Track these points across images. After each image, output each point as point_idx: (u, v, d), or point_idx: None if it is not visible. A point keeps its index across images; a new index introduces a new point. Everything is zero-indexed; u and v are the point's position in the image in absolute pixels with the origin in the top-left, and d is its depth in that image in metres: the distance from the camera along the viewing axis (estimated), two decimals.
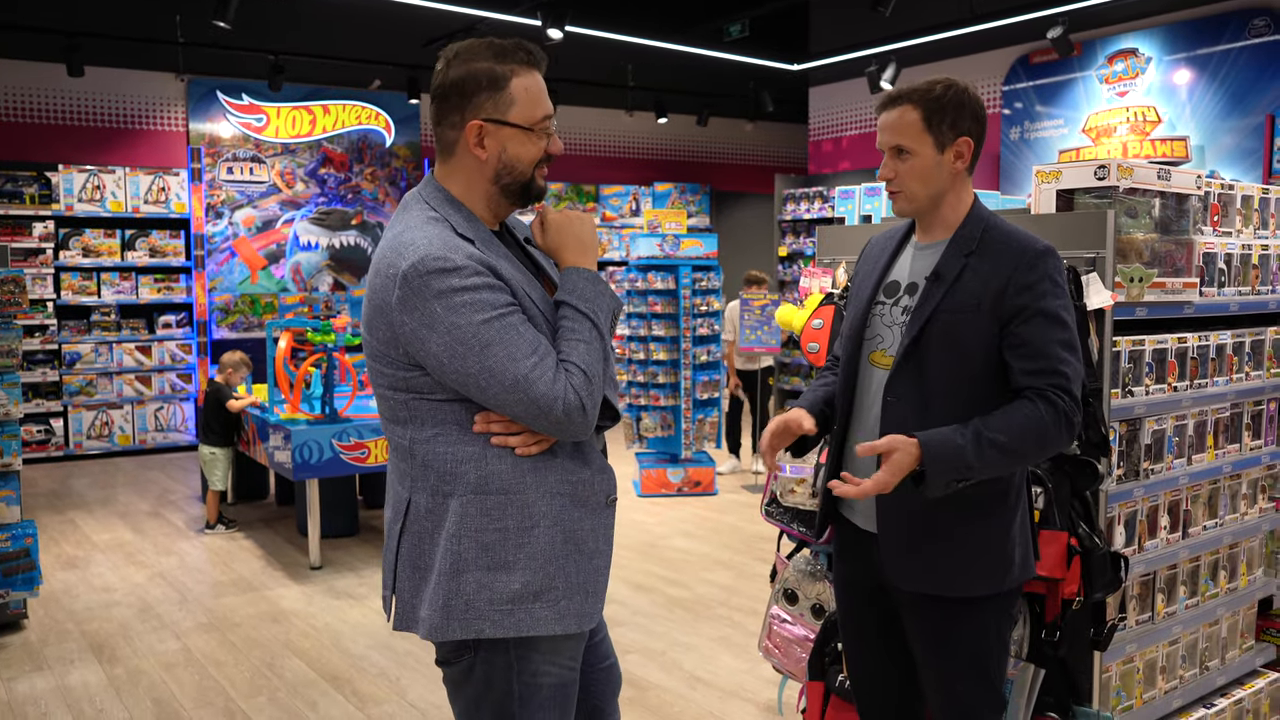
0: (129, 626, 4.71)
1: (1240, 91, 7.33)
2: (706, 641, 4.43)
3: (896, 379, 2.11)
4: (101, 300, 9.24)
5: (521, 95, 1.79)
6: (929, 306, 2.09)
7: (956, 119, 2.09)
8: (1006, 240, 2.08)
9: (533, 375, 1.67)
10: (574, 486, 1.80)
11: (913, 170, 2.11)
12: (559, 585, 1.78)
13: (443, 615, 1.76)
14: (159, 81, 9.47)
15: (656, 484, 7.41)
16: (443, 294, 1.67)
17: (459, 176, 1.83)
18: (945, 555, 2.10)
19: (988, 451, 1.95)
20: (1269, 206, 3.13)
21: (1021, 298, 2.02)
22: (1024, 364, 2.02)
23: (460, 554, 1.75)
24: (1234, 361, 3.01)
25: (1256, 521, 3.17)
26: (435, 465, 1.77)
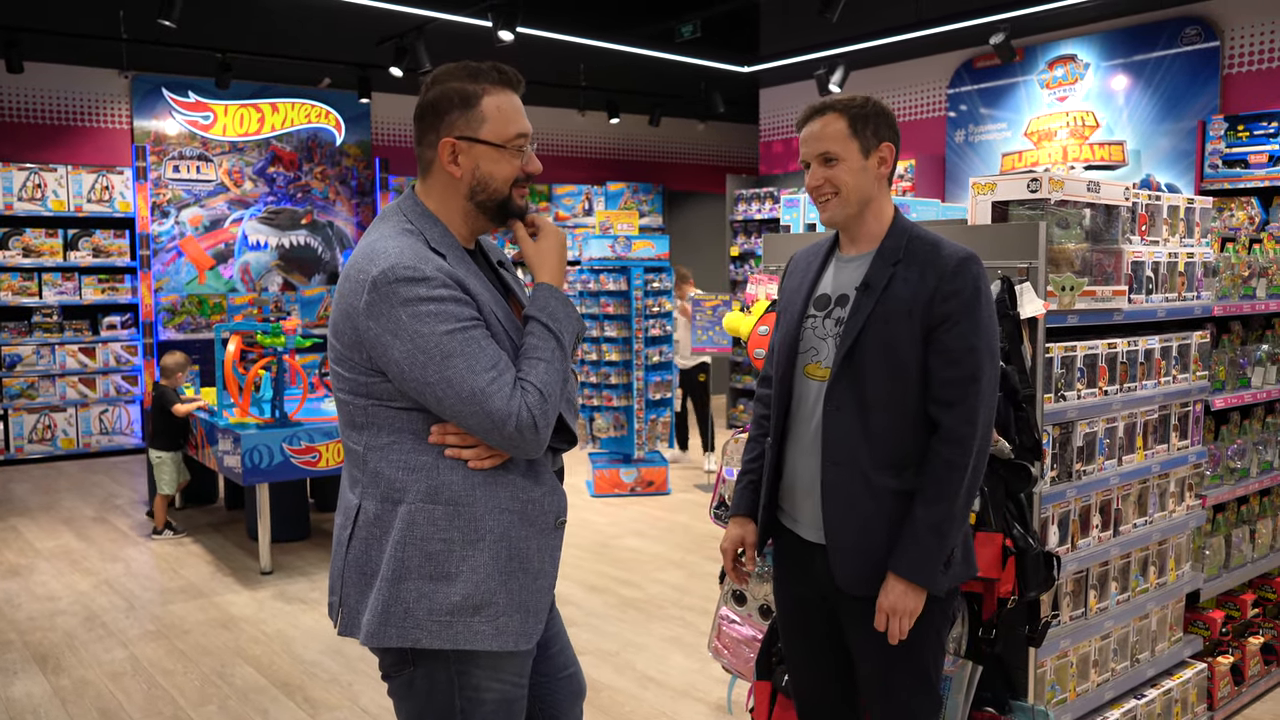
0: (74, 636, 4.65)
1: (1174, 97, 7.56)
2: (658, 641, 4.49)
3: (835, 388, 2.17)
4: (43, 301, 9.05)
5: (493, 113, 1.82)
6: (861, 316, 2.16)
7: (879, 126, 2.19)
8: (932, 248, 2.16)
9: (489, 390, 1.70)
10: (524, 505, 1.83)
11: (841, 174, 2.18)
12: (499, 601, 1.80)
13: (381, 621, 1.78)
14: (102, 78, 9.29)
15: (609, 484, 7.45)
16: (409, 302, 1.70)
17: (436, 193, 1.88)
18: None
19: (945, 527, 2.09)
20: (1194, 216, 3.26)
21: (947, 305, 2.10)
22: (945, 370, 2.11)
23: (404, 561, 1.77)
24: (1162, 365, 3.13)
25: (1184, 518, 3.30)
26: (387, 472, 1.79)
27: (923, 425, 2.15)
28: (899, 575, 2.11)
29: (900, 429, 2.14)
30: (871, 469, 2.15)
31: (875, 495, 2.15)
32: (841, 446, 2.17)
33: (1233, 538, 3.66)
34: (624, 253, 7.43)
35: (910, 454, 2.15)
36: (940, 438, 2.11)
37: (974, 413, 2.09)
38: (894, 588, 2.11)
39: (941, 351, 2.11)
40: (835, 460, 2.18)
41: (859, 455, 2.15)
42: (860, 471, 2.15)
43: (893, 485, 2.15)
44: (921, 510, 2.10)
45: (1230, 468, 3.64)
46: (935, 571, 2.11)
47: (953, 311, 2.10)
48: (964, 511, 2.14)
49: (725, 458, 3.24)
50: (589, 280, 7.49)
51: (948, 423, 2.10)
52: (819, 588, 2.28)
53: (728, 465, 3.20)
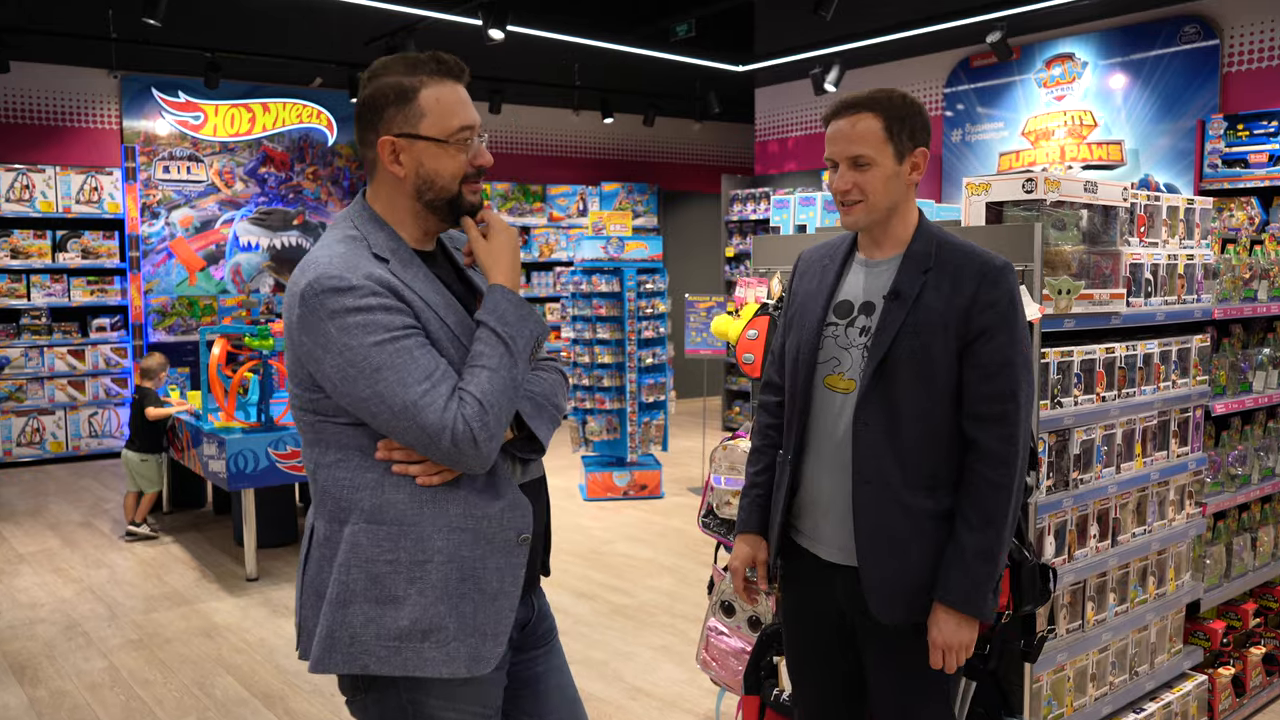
0: (54, 645, 4.56)
1: (1173, 96, 7.48)
2: (648, 651, 4.40)
3: (865, 404, 2.05)
4: (31, 303, 8.96)
5: (432, 106, 1.72)
6: (892, 327, 2.03)
7: (915, 129, 2.06)
8: (965, 256, 2.04)
9: (422, 402, 1.60)
10: (478, 522, 1.72)
11: (873, 180, 2.04)
12: (450, 625, 1.69)
13: (325, 647, 1.69)
14: (91, 78, 9.20)
15: (602, 488, 7.37)
16: (336, 314, 1.62)
17: (382, 195, 1.79)
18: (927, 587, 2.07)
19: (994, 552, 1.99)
20: (1193, 216, 3.18)
21: (984, 317, 1.99)
22: (982, 386, 2.00)
23: (348, 584, 1.68)
24: (1161, 370, 3.05)
25: (1184, 527, 3.22)
26: (333, 491, 1.71)
27: (955, 443, 2.04)
28: (951, 607, 2.00)
29: (933, 446, 2.04)
30: (903, 488, 2.04)
31: (908, 516, 2.04)
32: (871, 464, 2.05)
33: (1234, 546, 3.58)
34: (616, 254, 7.35)
35: (943, 473, 2.05)
36: (980, 457, 2.01)
37: (1014, 430, 2.00)
38: (946, 621, 2.01)
39: (977, 366, 2.00)
40: (865, 479, 2.06)
41: (890, 474, 2.04)
42: (891, 491, 2.04)
43: (926, 506, 2.04)
44: (968, 536, 1.99)
45: (1231, 474, 3.56)
46: (986, 599, 2.01)
47: (990, 324, 1.99)
48: (1009, 533, 2.03)
49: (713, 465, 3.15)
50: (581, 282, 7.40)
51: (987, 441, 2.00)
52: (839, 609, 2.17)
53: (715, 473, 3.11)
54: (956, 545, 2.00)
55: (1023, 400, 2.01)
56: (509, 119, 11.16)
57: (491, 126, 11.19)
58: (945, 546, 2.03)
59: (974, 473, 2.00)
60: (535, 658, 1.95)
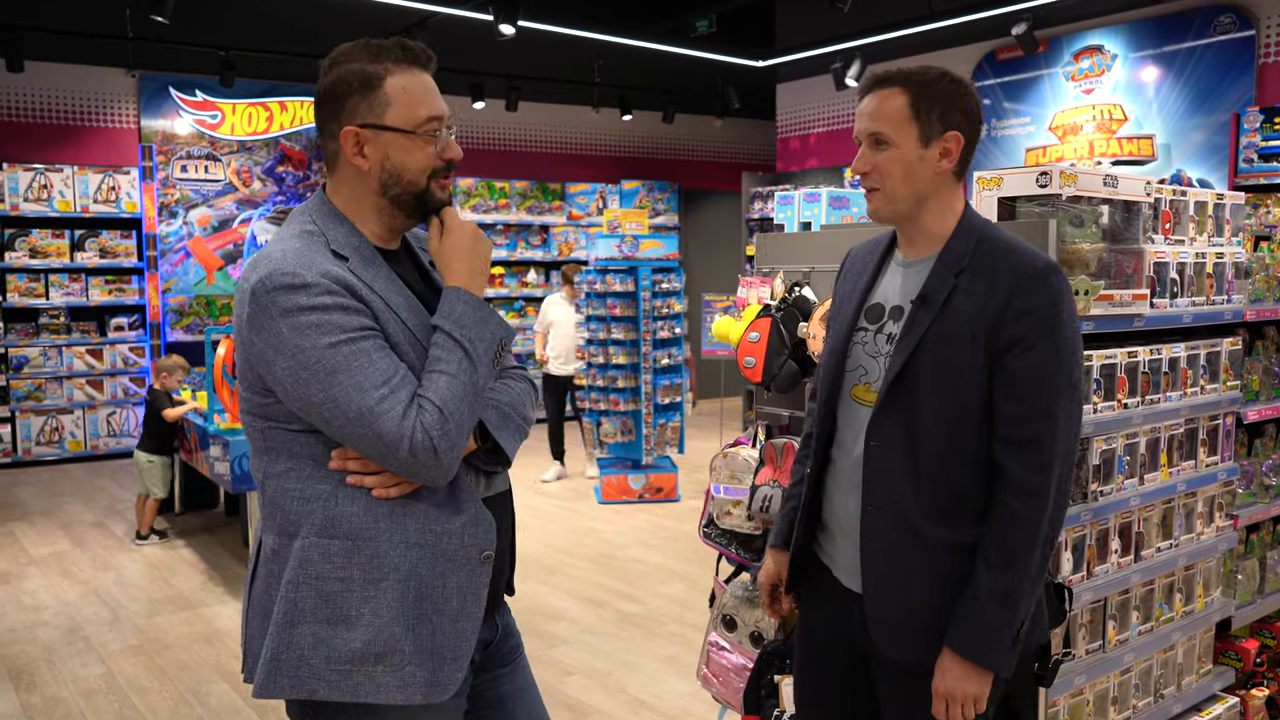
0: (53, 650, 4.50)
1: (1206, 89, 7.23)
2: (654, 662, 4.27)
3: (881, 420, 1.87)
4: (50, 303, 8.98)
5: (399, 95, 1.61)
6: (915, 335, 1.83)
7: (947, 110, 1.83)
8: (1003, 256, 1.82)
9: (379, 409, 1.50)
10: (437, 538, 1.61)
11: (890, 163, 1.84)
12: (405, 648, 1.58)
13: (271, 670, 1.58)
14: (108, 77, 9.20)
15: (617, 490, 7.25)
16: (289, 312, 1.51)
17: (343, 189, 1.68)
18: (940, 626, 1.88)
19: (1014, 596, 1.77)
20: (1224, 212, 3.00)
21: (1018, 325, 1.77)
22: (1012, 405, 1.79)
23: (297, 603, 1.57)
24: (1188, 375, 2.88)
25: (1214, 541, 3.04)
26: (282, 503, 1.60)
27: (983, 469, 1.83)
28: (958, 654, 1.79)
29: (955, 471, 1.83)
30: (919, 516, 1.84)
31: (922, 547, 1.85)
32: (884, 488, 1.87)
33: (1268, 560, 3.40)
34: (631, 253, 7.22)
35: (967, 502, 1.84)
36: (1006, 487, 1.79)
37: (1046, 457, 1.77)
38: (951, 669, 1.80)
39: (1009, 382, 1.78)
40: (876, 504, 1.88)
41: (904, 499, 1.85)
42: (905, 518, 1.85)
43: (944, 537, 1.84)
44: (985, 576, 1.78)
45: (1265, 485, 3.37)
46: (1002, 650, 1.78)
47: (1025, 334, 1.77)
48: (1037, 577, 1.81)
49: (713, 473, 3.02)
50: (595, 281, 7.28)
51: (1015, 469, 1.78)
52: (855, 639, 1.99)
53: (715, 481, 2.98)
54: (972, 585, 1.80)
55: (1060, 424, 1.78)
56: (527, 116, 11.06)
57: (509, 124, 11.10)
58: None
59: (998, 504, 1.80)
60: (499, 677, 1.84)
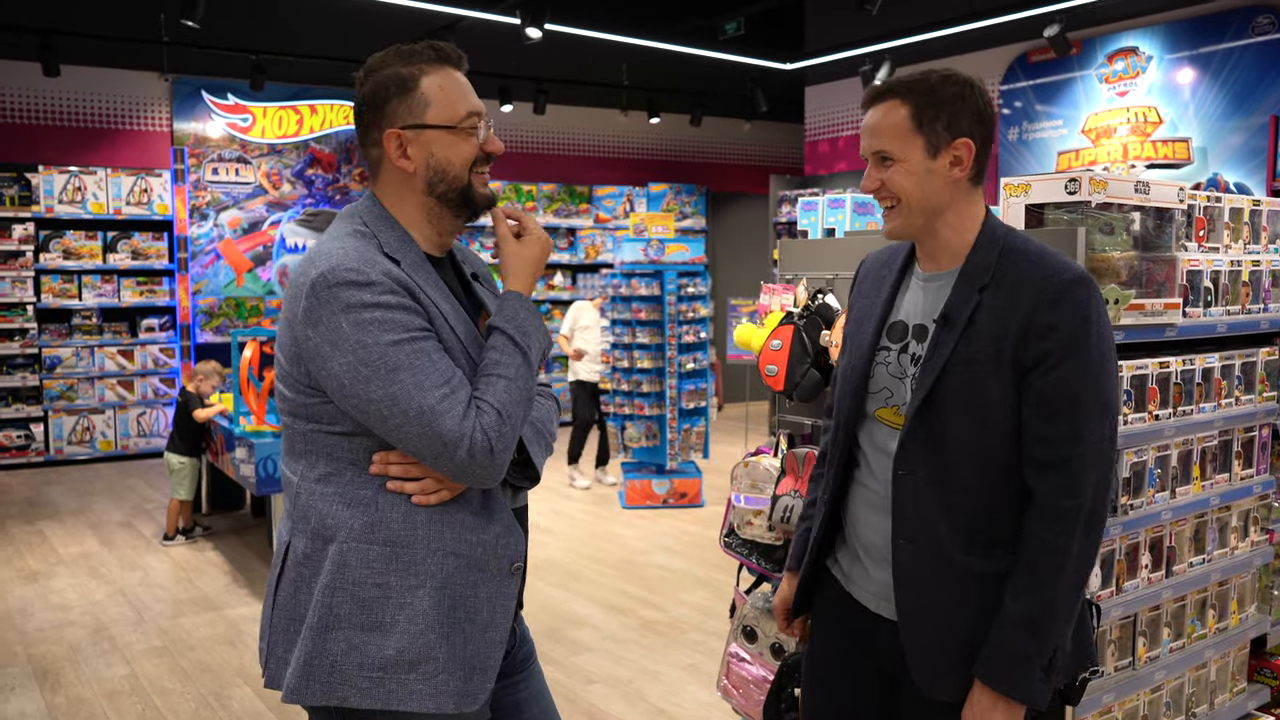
0: (79, 650, 4.54)
1: (1244, 91, 7.09)
2: (675, 670, 4.23)
3: (909, 447, 1.79)
4: (83, 303, 9.09)
5: (436, 94, 1.64)
6: (940, 358, 1.75)
7: (954, 117, 1.75)
8: (1028, 268, 1.74)
9: (440, 408, 1.50)
10: (473, 548, 1.61)
11: (899, 178, 1.77)
12: (439, 656, 1.57)
13: (303, 675, 1.57)
14: (142, 81, 9.31)
15: (641, 495, 7.22)
16: (351, 308, 1.51)
17: (391, 194, 1.69)
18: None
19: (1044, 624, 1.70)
20: (1260, 219, 2.92)
21: (1044, 342, 1.69)
22: (1041, 426, 1.71)
23: (333, 608, 1.57)
24: (1222, 386, 2.81)
25: (1248, 556, 2.96)
26: (319, 506, 1.60)
27: (1019, 494, 1.76)
28: (986, 685, 1.72)
29: (989, 498, 1.76)
30: (954, 547, 1.76)
31: (959, 580, 1.77)
32: (915, 519, 1.79)
33: None
34: (657, 256, 7.19)
35: (1006, 529, 1.76)
36: (1034, 512, 1.72)
37: (1076, 480, 1.70)
38: (981, 701, 1.73)
39: (1036, 402, 1.71)
40: (908, 536, 1.80)
41: (938, 531, 1.77)
42: (939, 550, 1.77)
43: (982, 567, 1.76)
44: (1013, 603, 1.71)
45: None
46: (1032, 680, 1.71)
47: (1051, 350, 1.69)
48: (1069, 604, 1.73)
49: (734, 482, 2.98)
50: (620, 285, 7.26)
51: (1043, 492, 1.72)
52: (880, 663, 1.92)
53: (736, 490, 2.95)
54: (1001, 614, 1.73)
55: (1089, 446, 1.70)
56: (555, 119, 11.06)
57: (537, 127, 11.11)
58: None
59: (1027, 530, 1.73)
60: (516, 683, 1.84)
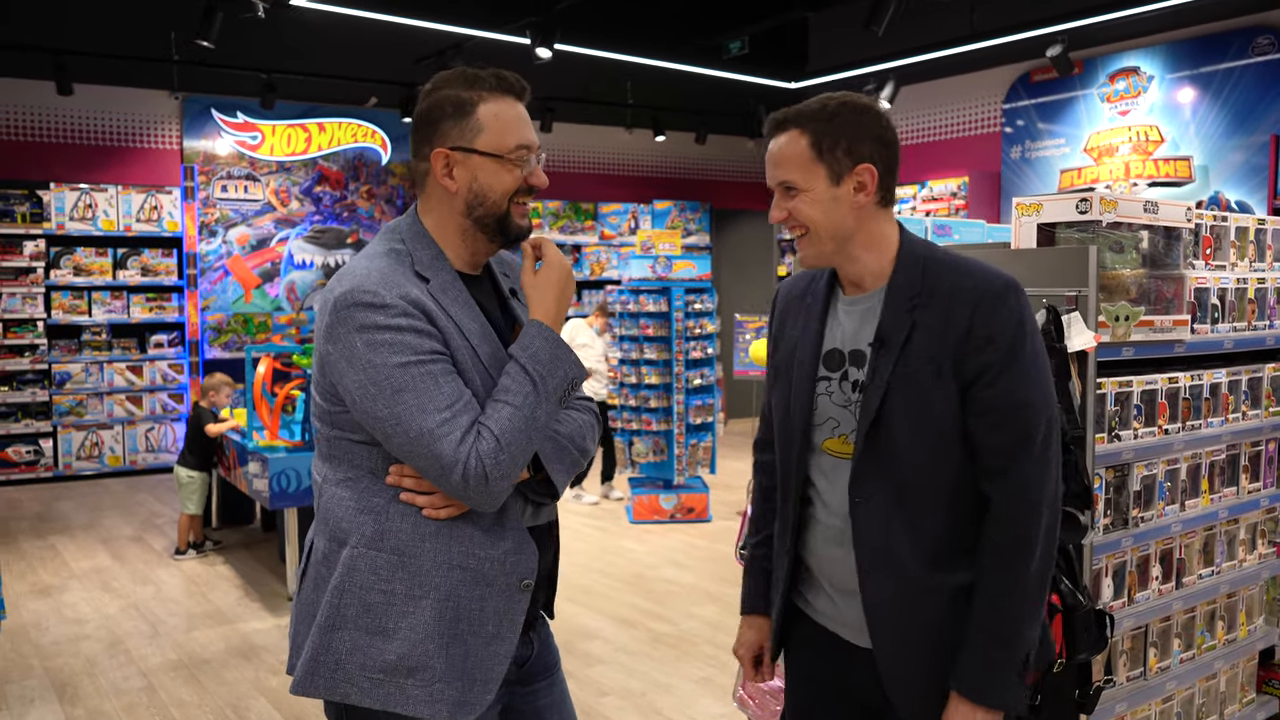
0: (95, 662, 4.58)
1: (1244, 110, 7.18)
2: (687, 683, 4.27)
3: (862, 474, 1.78)
4: (92, 319, 9.15)
5: (491, 122, 1.68)
6: (881, 380, 1.74)
7: (853, 143, 1.75)
8: (956, 280, 1.74)
9: (438, 431, 1.55)
10: (479, 562, 1.65)
11: (804, 206, 1.77)
12: (437, 665, 1.63)
13: (309, 670, 1.64)
14: (152, 99, 9.40)
15: (649, 510, 7.26)
16: (365, 329, 1.58)
17: (431, 210, 1.74)
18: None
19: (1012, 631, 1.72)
20: (1265, 238, 2.99)
21: (983, 354, 1.70)
22: (990, 436, 1.72)
23: (340, 609, 1.64)
24: (1230, 401, 2.86)
25: (1256, 568, 3.02)
26: (336, 511, 1.67)
27: (975, 504, 1.77)
28: (964, 697, 1.73)
29: (948, 513, 1.76)
30: (920, 570, 1.76)
31: (931, 600, 1.77)
32: (877, 546, 1.78)
33: None
34: (665, 273, 7.26)
35: (968, 541, 1.77)
36: (993, 518, 1.73)
37: (1028, 482, 1.71)
38: (957, 710, 1.73)
39: (982, 413, 1.72)
40: (873, 566, 1.79)
41: (900, 552, 1.76)
42: (904, 573, 1.76)
43: (949, 582, 1.76)
44: (981, 613, 1.72)
45: None
46: (1008, 687, 1.72)
47: (991, 361, 1.70)
48: (1034, 607, 1.74)
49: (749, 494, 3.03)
50: (629, 301, 7.33)
51: (998, 498, 1.73)
52: (863, 694, 1.88)
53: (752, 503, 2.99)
54: (970, 623, 1.73)
55: (1038, 446, 1.72)
56: (560, 137, 11.16)
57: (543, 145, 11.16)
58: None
59: (986, 537, 1.74)
60: (537, 691, 1.88)
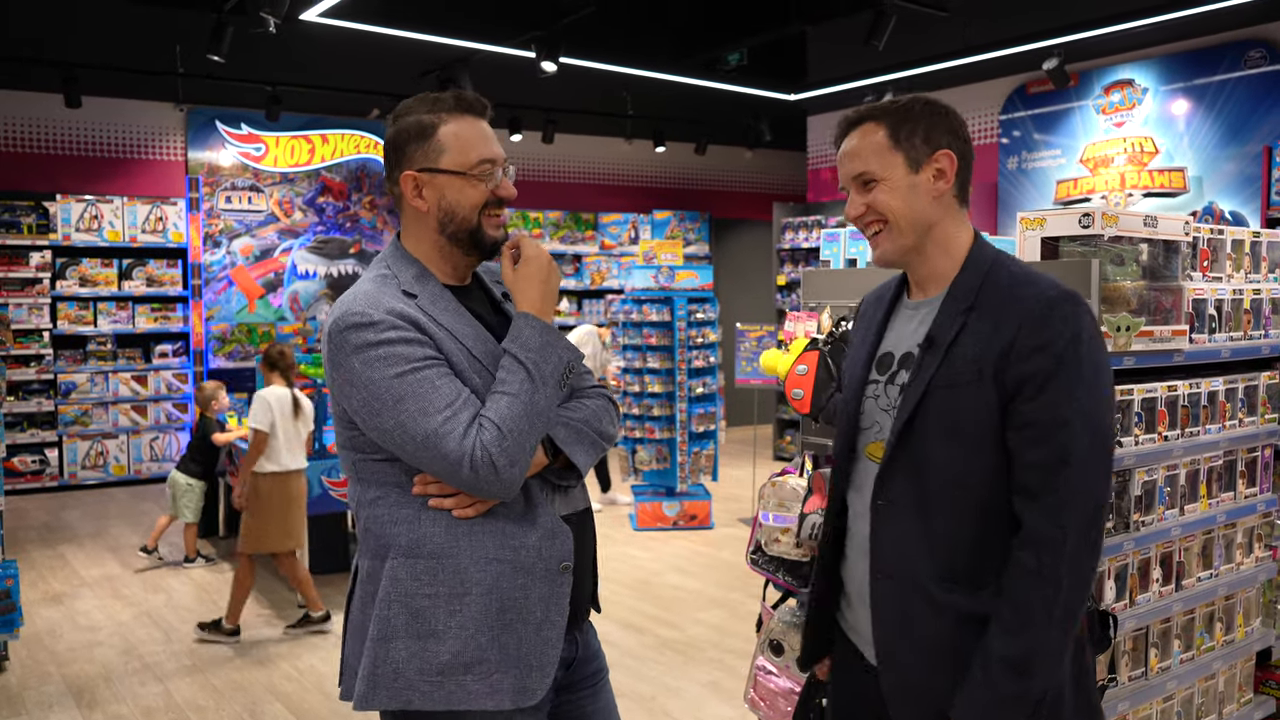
0: (111, 669, 4.64)
1: (1238, 122, 7.29)
2: (696, 687, 4.35)
3: (889, 476, 1.74)
4: (98, 330, 9.22)
5: (451, 141, 1.77)
6: (921, 381, 1.70)
7: (931, 129, 1.74)
8: (1013, 288, 1.68)
9: (442, 430, 1.63)
10: (515, 552, 1.73)
11: (885, 198, 1.74)
12: (492, 657, 1.70)
13: (369, 684, 1.70)
14: (158, 111, 9.49)
15: (652, 518, 7.33)
16: (359, 349, 1.66)
17: (410, 232, 1.85)
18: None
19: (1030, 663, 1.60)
20: (1260, 250, 3.08)
21: (1027, 364, 1.62)
22: (1027, 452, 1.63)
23: (389, 620, 1.70)
24: (1227, 408, 2.95)
25: (1253, 571, 3.10)
26: (374, 528, 1.75)
27: (1004, 528, 1.69)
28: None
29: (973, 531, 1.69)
30: (935, 584, 1.69)
31: (940, 620, 1.70)
32: (893, 554, 1.74)
33: None
34: (667, 283, 7.35)
35: (992, 569, 1.68)
36: (1021, 541, 1.64)
37: (1064, 508, 1.60)
38: None
39: (1022, 427, 1.63)
40: (885, 571, 1.75)
41: (917, 566, 1.71)
42: (919, 587, 1.71)
43: (967, 608, 1.68)
44: (997, 640, 1.62)
45: None
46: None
47: (1035, 372, 1.61)
48: (1059, 642, 1.62)
49: (762, 500, 3.11)
50: (631, 311, 7.41)
51: (1030, 520, 1.63)
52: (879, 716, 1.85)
53: (763, 509, 3.07)
54: (982, 650, 1.63)
55: (1076, 471, 1.61)
56: (562, 148, 11.26)
57: (544, 156, 11.30)
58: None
59: (1014, 560, 1.64)
60: (583, 698, 1.93)
